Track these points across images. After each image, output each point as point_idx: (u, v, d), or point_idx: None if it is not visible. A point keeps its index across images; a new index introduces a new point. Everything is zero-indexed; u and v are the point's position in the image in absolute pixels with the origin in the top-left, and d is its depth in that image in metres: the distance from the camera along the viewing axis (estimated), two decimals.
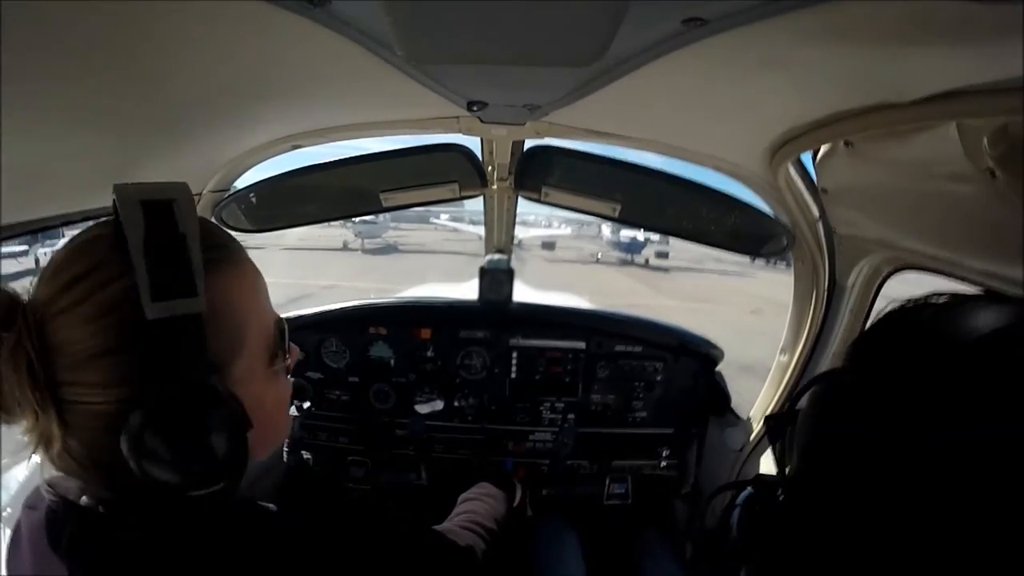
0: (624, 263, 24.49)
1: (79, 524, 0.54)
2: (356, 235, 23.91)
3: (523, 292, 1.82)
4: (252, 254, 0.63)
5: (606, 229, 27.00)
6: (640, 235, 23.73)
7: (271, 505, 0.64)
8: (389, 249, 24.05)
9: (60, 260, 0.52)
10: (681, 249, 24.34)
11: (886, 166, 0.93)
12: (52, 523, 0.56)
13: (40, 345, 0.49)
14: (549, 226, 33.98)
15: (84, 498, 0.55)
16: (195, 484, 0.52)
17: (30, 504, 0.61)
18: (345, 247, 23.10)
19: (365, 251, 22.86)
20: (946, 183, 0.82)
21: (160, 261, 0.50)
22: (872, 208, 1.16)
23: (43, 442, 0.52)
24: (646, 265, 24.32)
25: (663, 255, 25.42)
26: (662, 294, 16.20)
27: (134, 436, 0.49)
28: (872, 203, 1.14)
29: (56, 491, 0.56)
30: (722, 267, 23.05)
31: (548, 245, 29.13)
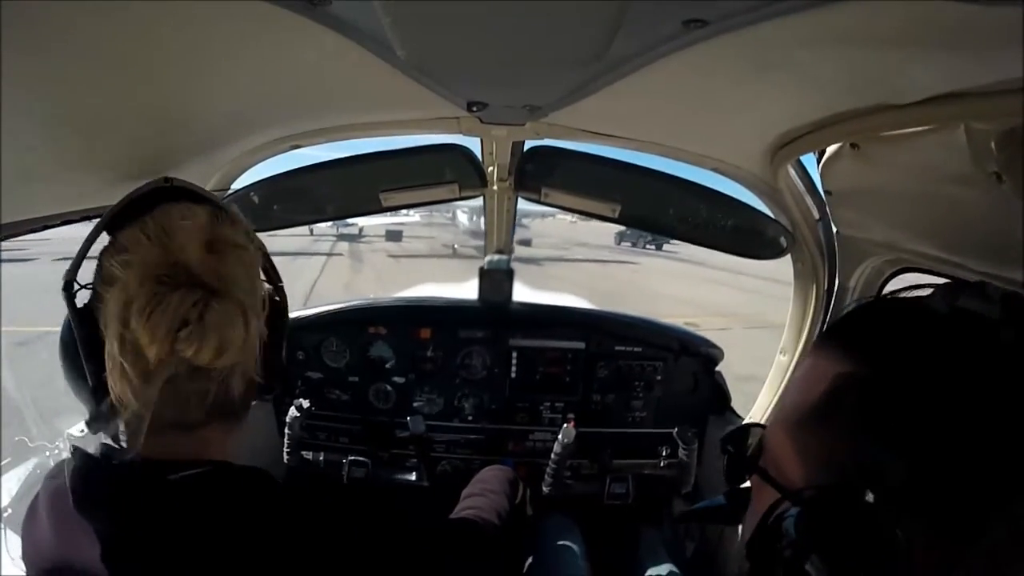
0: None
1: (106, 482, 0.61)
2: None
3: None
4: None
5: (462, 215, 20.35)
6: None
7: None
8: None
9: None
10: (543, 235, 20.66)
11: (892, 169, 0.93)
12: (77, 484, 0.62)
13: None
14: (395, 212, 25.89)
15: (114, 455, 0.63)
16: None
17: (51, 475, 0.68)
18: None
19: None
20: (952, 186, 0.82)
21: None
22: (877, 210, 1.16)
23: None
24: None
25: (526, 243, 20.15)
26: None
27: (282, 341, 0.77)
28: (878, 205, 1.14)
29: (84, 452, 0.64)
30: (592, 254, 20.10)
31: (394, 235, 22.61)
